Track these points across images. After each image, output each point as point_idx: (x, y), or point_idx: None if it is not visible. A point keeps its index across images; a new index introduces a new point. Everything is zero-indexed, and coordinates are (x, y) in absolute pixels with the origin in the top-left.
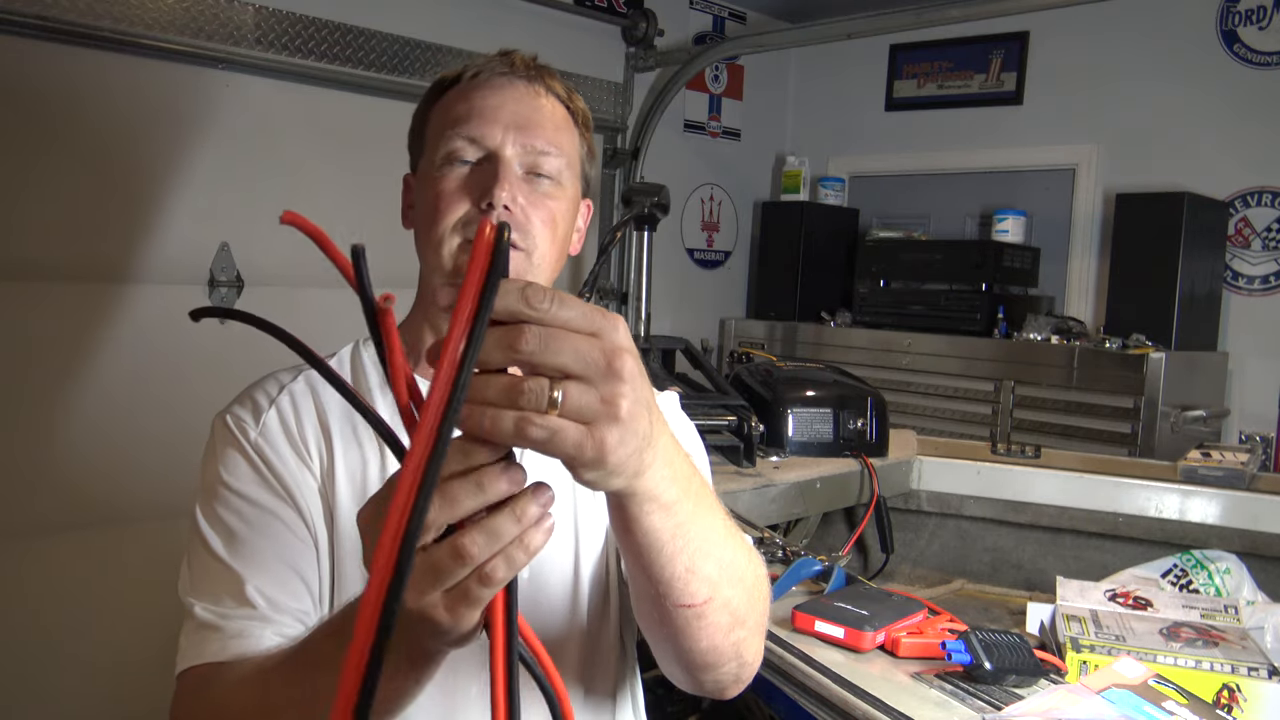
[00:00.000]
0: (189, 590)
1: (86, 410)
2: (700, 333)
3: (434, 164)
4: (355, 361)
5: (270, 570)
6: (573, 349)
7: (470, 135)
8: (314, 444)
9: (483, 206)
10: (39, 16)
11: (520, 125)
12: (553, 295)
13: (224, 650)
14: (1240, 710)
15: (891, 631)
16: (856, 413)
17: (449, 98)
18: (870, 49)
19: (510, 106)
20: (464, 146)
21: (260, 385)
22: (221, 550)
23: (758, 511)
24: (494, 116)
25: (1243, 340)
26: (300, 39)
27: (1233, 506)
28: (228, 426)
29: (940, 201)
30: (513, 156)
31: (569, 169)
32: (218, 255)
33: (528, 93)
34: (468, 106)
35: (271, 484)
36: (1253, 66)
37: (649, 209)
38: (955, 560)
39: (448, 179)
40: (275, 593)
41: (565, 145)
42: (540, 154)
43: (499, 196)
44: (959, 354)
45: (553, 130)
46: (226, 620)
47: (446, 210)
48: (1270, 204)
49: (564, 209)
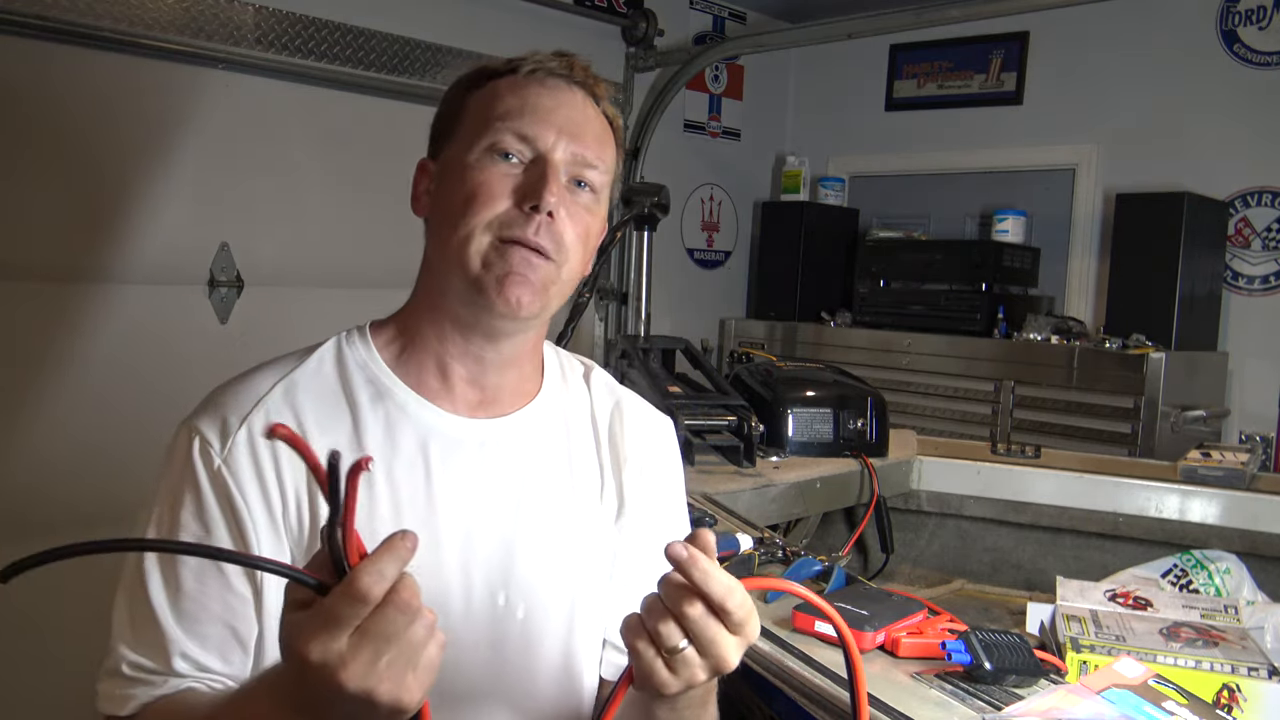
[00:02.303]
0: (122, 634)
1: (86, 410)
2: (700, 333)
3: (472, 153)
4: (341, 364)
5: (207, 636)
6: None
7: (521, 132)
8: (288, 477)
9: (527, 208)
10: (39, 16)
11: (572, 132)
12: (742, 600)
13: (143, 706)
14: (1240, 710)
15: (891, 631)
16: (856, 413)
17: (498, 87)
18: (870, 49)
19: (565, 111)
20: (512, 142)
21: (234, 395)
22: (162, 603)
23: (758, 511)
24: (548, 118)
25: (1243, 340)
26: (300, 39)
27: (1233, 506)
28: (191, 451)
29: (940, 201)
30: (561, 162)
31: (606, 187)
32: (218, 255)
33: (582, 101)
34: (520, 102)
35: (224, 528)
36: (1253, 66)
37: (649, 209)
38: (955, 560)
39: (489, 171)
40: (208, 660)
41: (608, 160)
42: (587, 165)
43: (548, 200)
44: (959, 354)
45: (598, 144)
46: (150, 684)
47: (484, 204)
48: (1270, 204)
49: (596, 226)
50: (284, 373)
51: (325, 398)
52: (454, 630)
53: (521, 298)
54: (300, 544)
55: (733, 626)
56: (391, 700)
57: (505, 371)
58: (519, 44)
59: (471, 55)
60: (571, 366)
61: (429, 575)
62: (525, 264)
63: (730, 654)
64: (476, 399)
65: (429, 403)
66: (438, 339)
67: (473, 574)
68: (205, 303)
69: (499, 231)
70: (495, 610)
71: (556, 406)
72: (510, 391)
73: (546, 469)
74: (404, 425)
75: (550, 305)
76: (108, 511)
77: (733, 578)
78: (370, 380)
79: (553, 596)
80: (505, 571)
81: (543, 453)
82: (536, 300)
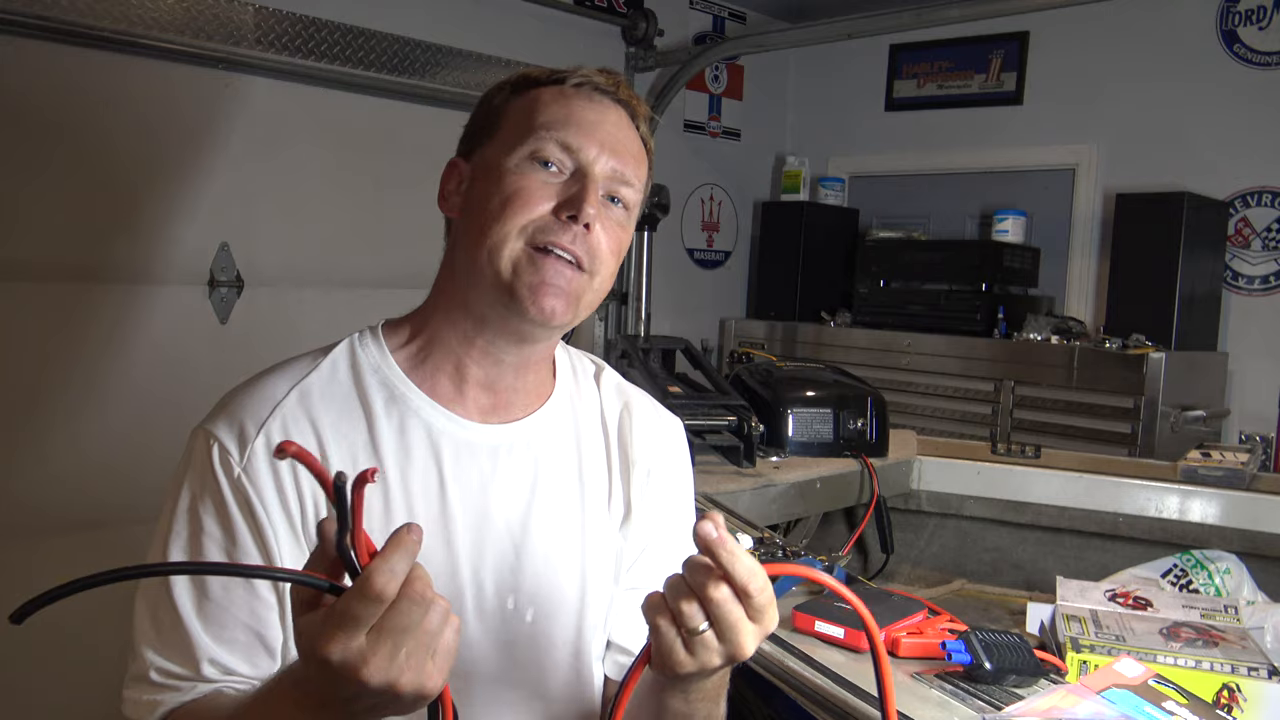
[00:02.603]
0: (148, 640)
1: (86, 410)
2: (700, 333)
3: (512, 157)
4: (355, 369)
5: (234, 641)
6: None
7: (565, 142)
8: (305, 484)
9: (564, 217)
10: (39, 16)
11: (614, 149)
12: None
13: (170, 712)
14: (1240, 710)
15: (892, 631)
16: (856, 413)
17: (543, 95)
18: (870, 49)
19: (609, 128)
20: (555, 151)
21: (250, 400)
22: (189, 609)
23: (758, 511)
24: (592, 132)
25: (1243, 340)
26: (300, 39)
27: (1233, 506)
28: (210, 457)
29: (940, 201)
30: (600, 176)
31: (637, 205)
32: (218, 255)
33: (624, 118)
34: (566, 112)
35: (248, 534)
36: (1253, 66)
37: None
38: (955, 560)
39: (529, 178)
40: (236, 664)
41: (642, 179)
42: (624, 183)
43: (588, 212)
44: (959, 354)
45: (636, 163)
46: (178, 690)
47: (522, 209)
48: (1270, 204)
49: (627, 241)
50: (298, 377)
51: (340, 404)
52: (465, 632)
53: (556, 307)
54: None
55: (753, 612)
56: (415, 689)
57: (522, 374)
58: (519, 44)
59: (472, 55)
60: (583, 367)
61: (441, 578)
62: (558, 274)
63: (748, 641)
64: (489, 404)
65: (442, 408)
66: (458, 340)
67: (484, 577)
68: (205, 303)
69: (533, 238)
70: (505, 613)
71: (567, 410)
72: (523, 395)
73: (557, 474)
74: (417, 430)
75: (580, 315)
76: (108, 511)
77: (757, 563)
78: (384, 384)
79: (562, 600)
80: (515, 575)
81: (553, 458)
82: (569, 310)
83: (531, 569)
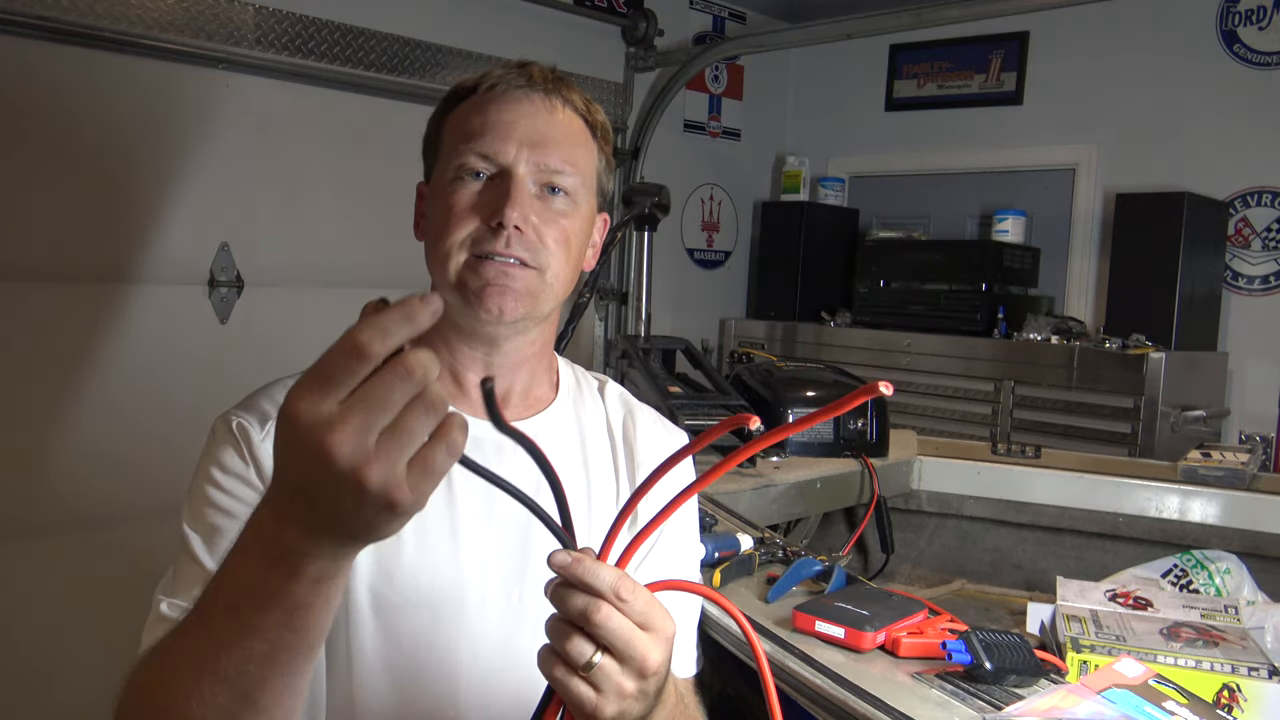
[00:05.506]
0: (164, 588)
1: (86, 410)
2: (700, 333)
3: (446, 175)
4: None
5: None
6: (626, 635)
7: (483, 151)
8: None
9: (492, 225)
10: (39, 16)
11: (535, 142)
12: (633, 587)
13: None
14: (1240, 710)
15: (892, 631)
16: (856, 413)
17: (464, 109)
18: (870, 49)
19: (525, 122)
20: (476, 161)
21: (268, 392)
22: (200, 549)
23: (758, 511)
24: (508, 133)
25: (1243, 340)
26: (300, 39)
27: (1233, 506)
28: (229, 429)
29: (940, 201)
30: (526, 174)
31: (584, 186)
32: (218, 255)
33: (544, 107)
34: (482, 120)
35: (262, 484)
36: (1253, 66)
37: (649, 209)
38: (955, 560)
39: (459, 194)
40: None
41: (581, 161)
42: (554, 172)
43: (509, 217)
44: (959, 354)
45: (569, 147)
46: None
47: (456, 226)
48: (1270, 204)
49: (577, 226)
50: None
51: None
52: (468, 622)
53: (503, 305)
54: None
55: (636, 617)
56: (380, 487)
57: (513, 374)
58: (520, 44)
59: (472, 55)
60: (587, 381)
61: (446, 570)
62: (502, 275)
63: (649, 651)
64: None
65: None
66: (447, 349)
67: (489, 569)
68: (205, 303)
69: (473, 248)
70: (509, 605)
71: (571, 415)
72: (520, 396)
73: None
74: None
75: (540, 307)
76: (108, 510)
77: (619, 570)
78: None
79: None
80: (521, 569)
81: (558, 457)
82: (520, 305)
83: (537, 563)
